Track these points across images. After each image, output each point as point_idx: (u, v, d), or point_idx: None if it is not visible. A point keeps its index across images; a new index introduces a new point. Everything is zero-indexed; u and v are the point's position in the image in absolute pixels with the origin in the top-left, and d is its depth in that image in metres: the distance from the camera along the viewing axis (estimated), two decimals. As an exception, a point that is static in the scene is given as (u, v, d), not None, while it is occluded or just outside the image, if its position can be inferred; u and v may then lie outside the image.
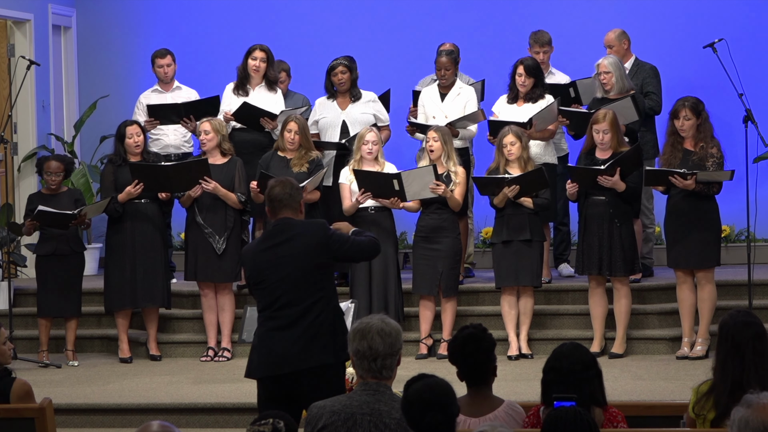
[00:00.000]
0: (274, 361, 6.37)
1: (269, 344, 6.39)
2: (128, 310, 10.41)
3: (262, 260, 6.46)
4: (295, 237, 6.44)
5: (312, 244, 6.43)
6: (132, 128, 10.31)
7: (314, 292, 6.39)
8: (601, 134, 9.74)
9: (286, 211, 6.52)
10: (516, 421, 5.48)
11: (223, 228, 10.26)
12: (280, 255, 6.42)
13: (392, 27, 13.03)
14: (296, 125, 10.20)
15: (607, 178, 9.58)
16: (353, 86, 10.73)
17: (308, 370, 6.31)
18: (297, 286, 6.39)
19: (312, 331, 6.35)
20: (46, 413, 6.31)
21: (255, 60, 10.78)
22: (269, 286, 6.42)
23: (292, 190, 6.54)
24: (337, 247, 6.46)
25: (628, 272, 9.81)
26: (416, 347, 10.15)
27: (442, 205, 10.03)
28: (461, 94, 10.77)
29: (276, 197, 6.52)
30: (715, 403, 5.47)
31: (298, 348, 6.33)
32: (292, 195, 6.52)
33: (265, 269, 6.43)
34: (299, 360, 6.32)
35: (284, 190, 6.51)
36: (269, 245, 6.48)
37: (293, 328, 6.36)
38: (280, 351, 6.35)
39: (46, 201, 10.29)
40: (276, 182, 6.60)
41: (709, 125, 9.65)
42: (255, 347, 6.51)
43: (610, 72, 10.40)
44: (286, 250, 6.42)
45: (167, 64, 11.28)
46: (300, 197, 6.58)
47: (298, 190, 6.60)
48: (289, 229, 6.48)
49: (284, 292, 6.39)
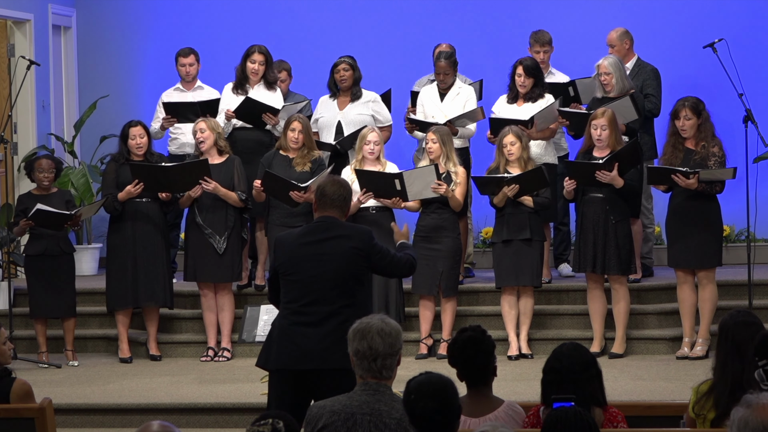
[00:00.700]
0: (297, 355, 6.35)
1: (294, 338, 6.38)
2: (129, 309, 10.40)
3: (301, 253, 6.45)
4: (339, 237, 6.46)
5: (354, 248, 6.43)
6: (135, 129, 10.31)
7: (347, 296, 6.40)
8: (599, 130, 9.74)
9: (334, 210, 6.54)
10: (516, 421, 5.48)
11: (223, 228, 10.25)
12: (321, 251, 6.42)
13: (392, 27, 13.03)
14: (300, 124, 10.20)
15: (605, 173, 9.57)
16: (355, 85, 10.73)
17: (330, 371, 6.29)
18: (332, 286, 6.39)
19: (340, 333, 6.21)
20: (46, 413, 6.30)
21: (254, 63, 10.78)
22: (303, 279, 6.41)
23: (346, 192, 6.57)
24: (378, 258, 6.48)
25: (623, 271, 9.78)
26: (416, 347, 10.15)
27: (442, 204, 10.03)
28: (461, 93, 10.77)
29: (329, 196, 6.53)
30: (715, 403, 5.48)
31: (323, 347, 6.33)
32: (345, 198, 6.56)
33: (303, 262, 6.43)
34: (322, 359, 6.32)
35: (339, 192, 6.53)
36: (311, 239, 6.47)
37: (321, 326, 6.36)
38: (305, 346, 6.34)
39: (38, 201, 10.27)
40: (331, 181, 6.62)
41: (710, 125, 9.65)
42: (275, 338, 6.46)
43: (610, 73, 10.40)
44: (328, 247, 6.43)
45: (189, 64, 11.27)
46: (350, 202, 6.66)
47: (350, 194, 6.66)
48: (334, 228, 6.49)
49: (317, 289, 6.39)
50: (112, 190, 10.29)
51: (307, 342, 6.35)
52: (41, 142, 12.54)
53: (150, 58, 13.44)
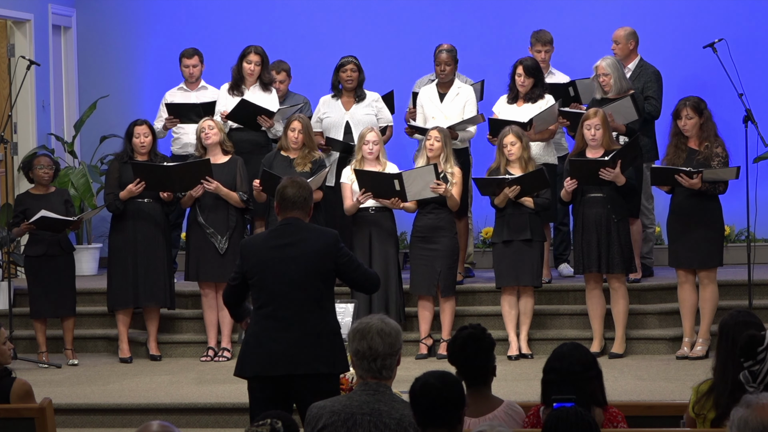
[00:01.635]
0: (268, 361, 6.32)
1: (265, 344, 6.34)
2: (130, 309, 10.40)
3: (268, 257, 6.40)
4: (305, 240, 6.41)
5: (320, 250, 6.39)
6: (141, 128, 10.32)
7: (315, 299, 6.35)
8: (593, 130, 9.73)
9: (297, 212, 6.49)
10: (516, 421, 5.48)
11: (225, 228, 10.26)
12: (287, 255, 6.37)
13: (392, 27, 13.03)
14: (300, 124, 10.20)
15: (610, 170, 9.56)
16: (359, 86, 10.72)
17: (302, 376, 6.27)
18: (300, 288, 6.34)
19: (311, 338, 6.31)
20: (46, 413, 6.31)
21: (249, 64, 10.78)
22: (271, 284, 6.37)
23: (306, 193, 6.50)
24: (344, 261, 6.42)
25: (626, 270, 9.80)
26: (416, 347, 10.15)
27: (439, 204, 10.03)
28: (460, 94, 10.77)
29: (289, 198, 6.48)
30: (715, 403, 5.47)
31: (293, 352, 6.29)
32: (306, 199, 6.49)
33: (270, 267, 6.38)
34: (293, 364, 6.28)
35: (299, 193, 6.47)
36: (278, 243, 6.43)
37: (290, 330, 6.31)
38: (276, 351, 6.31)
39: (37, 201, 10.28)
40: (290, 183, 6.53)
41: (712, 124, 9.64)
42: (248, 345, 6.44)
43: (608, 74, 10.39)
44: (294, 251, 6.38)
45: (193, 65, 11.28)
46: (312, 201, 6.55)
47: (311, 194, 6.56)
48: (299, 230, 6.45)
49: (285, 294, 6.35)
50: (114, 189, 10.30)
51: (277, 347, 6.31)
52: (41, 142, 12.54)
53: (150, 58, 13.44)
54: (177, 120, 10.98)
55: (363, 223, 10.12)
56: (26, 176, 10.62)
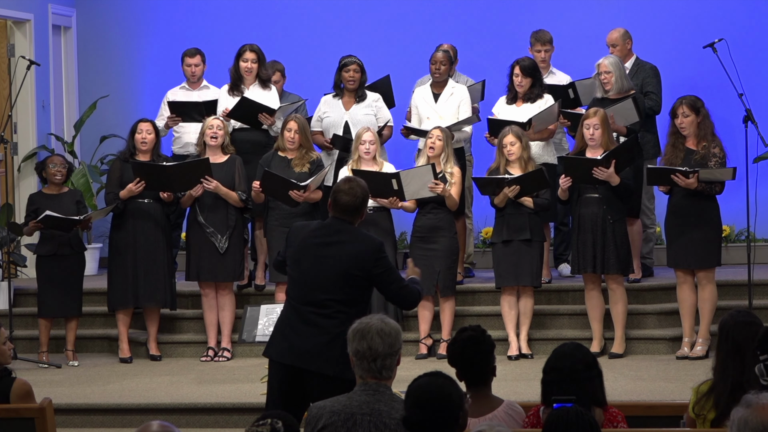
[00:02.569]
0: (288, 350, 6.41)
1: (288, 334, 6.44)
2: (130, 309, 10.41)
3: (307, 250, 6.47)
4: (348, 242, 6.45)
5: (357, 256, 6.41)
6: (144, 125, 10.33)
7: (342, 303, 6.38)
8: (592, 129, 9.73)
9: (348, 216, 6.52)
10: (516, 421, 5.48)
11: (224, 227, 10.26)
12: (325, 253, 6.43)
13: (393, 27, 13.03)
14: (296, 124, 10.20)
15: (602, 169, 9.56)
16: (360, 87, 10.72)
17: (315, 374, 6.32)
18: (328, 289, 6.39)
19: (329, 338, 6.34)
20: (46, 413, 6.31)
21: (246, 62, 10.79)
22: (303, 278, 6.45)
23: (359, 201, 6.51)
24: (379, 272, 6.42)
25: (622, 271, 9.78)
26: (416, 347, 10.15)
27: (438, 204, 10.03)
28: (454, 94, 10.76)
29: (342, 205, 6.49)
30: (715, 403, 5.48)
31: (310, 348, 6.35)
32: (358, 207, 6.53)
33: (306, 261, 6.45)
34: (308, 360, 6.34)
35: (352, 202, 6.49)
36: (322, 241, 6.47)
37: (314, 326, 6.37)
38: (295, 344, 6.38)
39: (49, 201, 10.29)
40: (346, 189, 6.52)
41: (709, 123, 9.64)
42: (276, 328, 6.58)
43: (610, 72, 10.39)
44: (332, 251, 6.43)
45: (195, 64, 11.27)
46: (365, 206, 6.58)
47: (365, 200, 6.56)
48: (345, 232, 6.49)
49: (314, 289, 6.41)
50: (115, 188, 10.30)
51: (298, 340, 6.39)
52: (41, 142, 12.54)
53: (150, 58, 13.44)
54: (179, 119, 10.98)
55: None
56: (39, 176, 10.63)
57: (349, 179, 6.68)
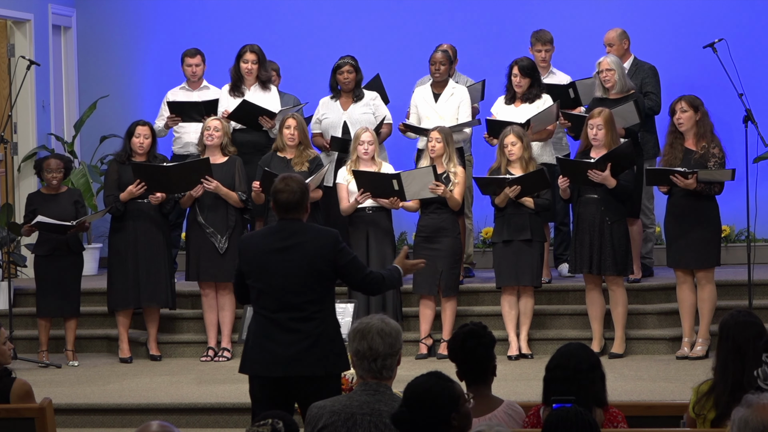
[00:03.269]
0: (270, 362, 6.29)
1: (266, 345, 6.32)
2: (130, 309, 10.41)
3: (267, 260, 6.36)
4: (304, 242, 6.35)
5: (319, 252, 6.33)
6: (142, 128, 10.31)
7: (315, 301, 6.31)
8: (595, 129, 9.73)
9: (293, 213, 6.43)
10: (516, 421, 5.48)
11: (224, 227, 10.26)
12: (287, 258, 6.32)
13: (393, 27, 13.02)
14: (295, 121, 10.22)
15: (597, 172, 9.55)
16: (357, 86, 10.72)
17: (304, 378, 6.24)
18: (299, 292, 6.30)
19: (311, 339, 6.28)
20: (46, 413, 6.31)
21: (246, 63, 10.79)
22: (272, 288, 6.32)
23: (299, 195, 6.41)
24: (344, 263, 6.36)
25: (619, 272, 9.76)
26: (416, 347, 10.15)
27: (442, 205, 10.03)
28: (454, 94, 10.76)
29: (283, 203, 6.41)
30: (716, 403, 5.48)
31: (294, 352, 6.26)
32: (300, 201, 6.42)
33: (270, 271, 6.34)
34: (293, 366, 6.26)
35: (292, 198, 6.39)
36: (277, 246, 6.37)
37: (292, 332, 6.28)
38: (277, 353, 6.28)
39: (47, 201, 10.29)
40: (282, 187, 6.43)
41: (708, 122, 9.64)
42: (250, 343, 6.42)
43: (612, 70, 10.37)
44: (293, 254, 6.33)
45: (196, 64, 11.27)
46: (308, 198, 6.48)
47: (305, 192, 6.46)
48: (298, 232, 6.39)
49: (284, 295, 6.31)
50: (114, 191, 10.29)
51: (279, 349, 6.28)
52: (41, 142, 12.54)
53: (150, 58, 13.44)
54: (179, 119, 10.98)
55: (360, 223, 10.12)
56: (38, 175, 10.63)
57: (283, 177, 6.53)
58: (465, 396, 4.78)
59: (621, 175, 9.64)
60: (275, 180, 6.57)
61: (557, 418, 4.49)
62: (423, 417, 4.65)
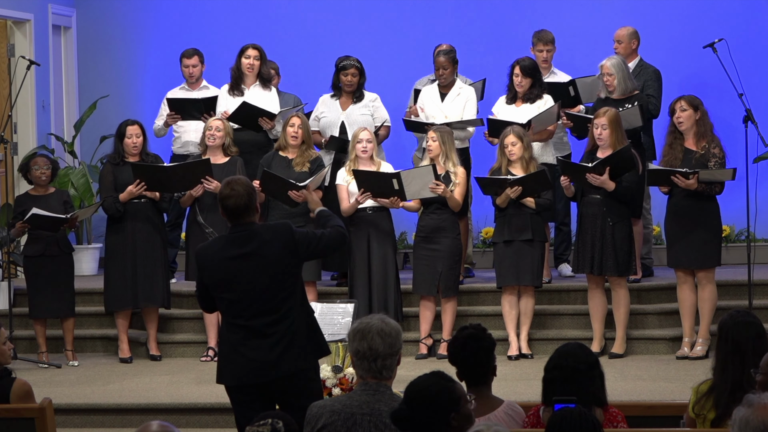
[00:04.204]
0: (251, 369, 6.21)
1: (244, 352, 6.22)
2: (128, 310, 10.41)
3: (230, 270, 6.24)
4: (263, 244, 6.25)
5: (281, 249, 6.25)
6: (133, 128, 10.31)
7: (287, 298, 6.25)
8: (600, 129, 9.72)
9: (244, 217, 6.30)
10: (516, 421, 5.48)
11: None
12: (250, 264, 6.22)
13: (393, 27, 13.02)
14: (299, 120, 10.22)
15: (595, 176, 9.56)
16: (359, 88, 10.72)
17: (288, 377, 6.20)
18: (270, 294, 6.22)
19: (288, 337, 6.22)
20: (46, 413, 6.31)
21: (248, 59, 10.79)
22: (240, 297, 6.24)
23: (246, 198, 6.25)
24: (305, 248, 6.31)
25: (621, 272, 9.76)
26: (416, 347, 10.15)
27: (442, 205, 10.03)
28: (461, 94, 10.76)
29: (232, 209, 6.26)
30: (715, 403, 5.48)
31: (275, 355, 6.20)
32: (248, 204, 6.26)
33: (235, 280, 6.24)
34: (277, 368, 6.20)
35: (238, 202, 6.24)
36: (237, 253, 6.25)
37: (269, 336, 6.21)
38: (257, 359, 6.21)
39: (35, 202, 10.27)
40: (228, 193, 6.26)
41: (708, 122, 9.64)
42: (225, 353, 6.32)
43: (612, 74, 10.36)
44: (255, 258, 6.22)
45: (193, 65, 11.28)
46: (256, 197, 6.34)
47: (252, 193, 6.30)
48: (254, 235, 6.27)
49: (256, 301, 6.23)
50: (110, 193, 10.28)
51: (259, 354, 6.20)
52: (41, 142, 12.54)
53: (150, 58, 13.44)
54: (178, 116, 10.98)
55: (361, 224, 10.12)
56: (25, 178, 10.61)
57: (227, 182, 6.34)
58: (466, 397, 4.78)
59: (624, 176, 9.62)
60: (221, 185, 6.39)
61: (560, 418, 4.49)
62: (422, 416, 4.65)
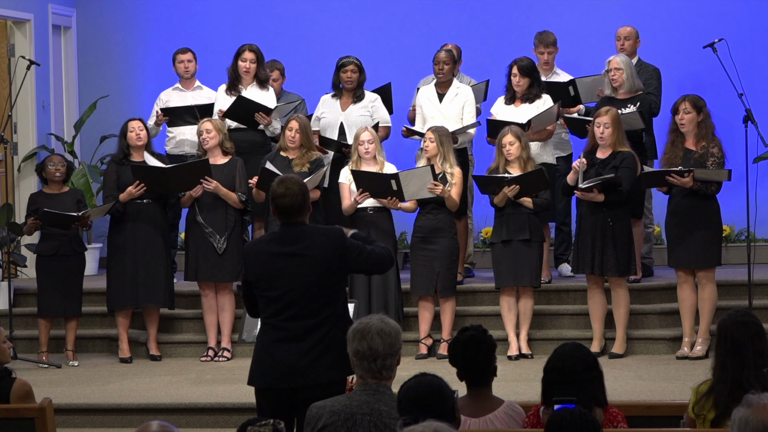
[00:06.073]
0: (281, 372, 6.12)
1: (276, 355, 6.13)
2: (129, 310, 10.41)
3: (274, 267, 6.14)
4: (311, 245, 6.15)
5: (329, 253, 6.15)
6: (134, 123, 10.35)
7: (328, 304, 6.14)
8: (602, 128, 9.72)
9: (296, 216, 6.23)
10: (516, 421, 5.48)
11: (223, 227, 10.26)
12: (295, 264, 6.12)
13: (395, 27, 13.02)
14: (297, 124, 10.21)
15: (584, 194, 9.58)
16: (359, 87, 10.71)
17: (319, 386, 6.05)
18: (311, 298, 6.11)
19: (323, 345, 6.10)
20: (46, 413, 6.30)
21: (245, 62, 10.80)
22: (280, 295, 6.13)
23: (300, 198, 6.18)
24: (354, 257, 6.19)
25: (621, 273, 9.75)
26: (416, 347, 10.15)
27: (439, 205, 10.03)
28: (459, 94, 10.75)
29: (285, 208, 6.18)
30: (715, 403, 5.48)
31: (308, 362, 6.09)
32: (302, 204, 6.19)
33: (277, 277, 6.14)
34: (308, 375, 6.08)
35: (293, 202, 6.16)
36: (283, 251, 6.16)
37: (304, 340, 6.10)
38: (288, 363, 6.10)
39: (49, 200, 10.29)
40: (282, 191, 6.19)
41: (710, 124, 9.63)
42: (259, 355, 6.23)
43: (621, 69, 10.35)
44: (302, 258, 6.12)
45: (188, 60, 11.29)
46: (309, 199, 6.26)
47: (306, 194, 6.24)
48: (305, 235, 6.19)
49: (296, 302, 6.12)
50: (113, 192, 10.29)
51: (290, 358, 6.10)
52: (41, 142, 12.54)
53: (150, 58, 13.44)
54: (166, 118, 11.01)
55: (361, 224, 10.11)
56: (40, 176, 10.61)
57: (281, 180, 6.27)
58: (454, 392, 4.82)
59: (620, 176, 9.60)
60: (273, 184, 6.33)
61: (560, 419, 4.49)
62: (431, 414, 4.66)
